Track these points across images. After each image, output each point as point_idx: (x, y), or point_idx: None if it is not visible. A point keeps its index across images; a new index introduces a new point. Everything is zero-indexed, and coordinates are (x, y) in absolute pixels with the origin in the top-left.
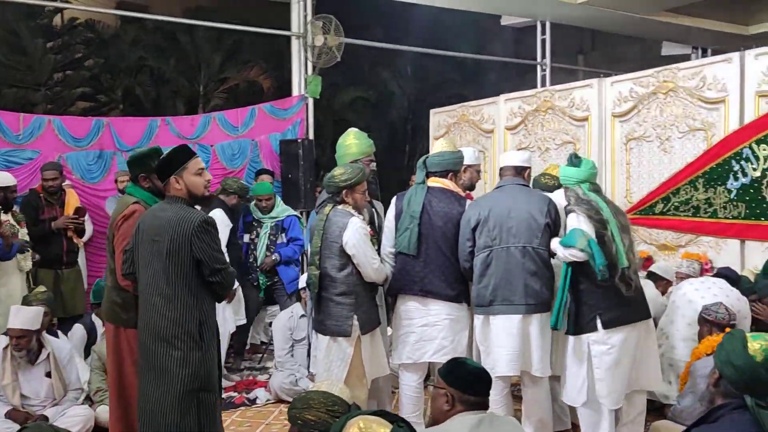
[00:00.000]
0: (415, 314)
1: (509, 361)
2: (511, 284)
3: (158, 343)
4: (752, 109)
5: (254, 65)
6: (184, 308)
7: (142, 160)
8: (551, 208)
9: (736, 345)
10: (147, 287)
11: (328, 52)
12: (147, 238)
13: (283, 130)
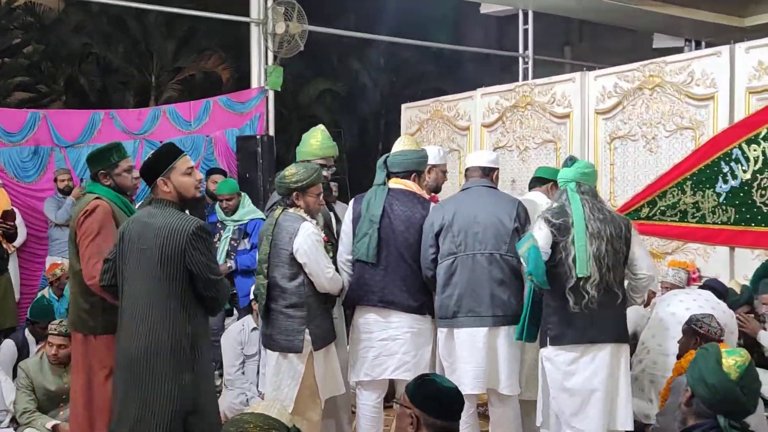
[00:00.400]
0: (375, 327)
1: (474, 378)
2: (477, 294)
3: (146, 359)
4: (742, 106)
5: (212, 54)
6: (174, 323)
7: (102, 155)
8: (521, 211)
9: (710, 362)
10: (134, 300)
11: (291, 40)
12: (133, 247)
13: (240, 125)
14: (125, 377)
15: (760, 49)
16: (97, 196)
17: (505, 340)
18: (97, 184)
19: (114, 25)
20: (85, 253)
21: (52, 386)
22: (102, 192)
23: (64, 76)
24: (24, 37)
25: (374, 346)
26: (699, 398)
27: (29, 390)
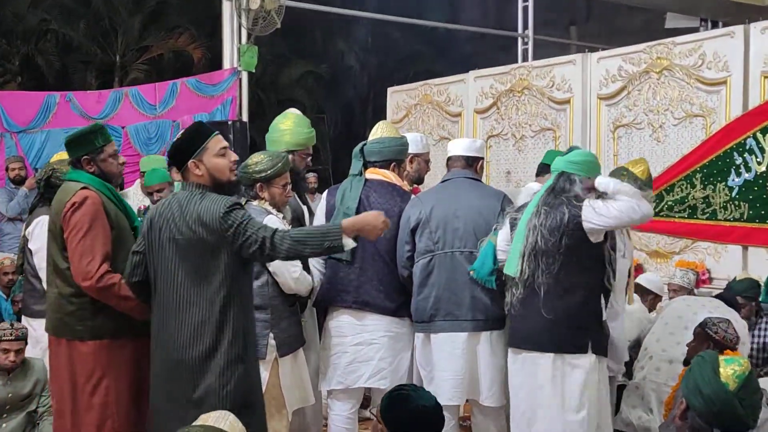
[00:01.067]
0: (348, 331)
1: (452, 388)
2: (456, 296)
3: (191, 356)
4: (757, 91)
5: (182, 32)
6: (223, 314)
7: (85, 138)
8: (506, 206)
9: (707, 371)
10: (172, 293)
11: (266, 16)
12: (168, 234)
13: (211, 109)
14: (169, 378)
15: None
16: (84, 186)
17: (487, 347)
18: (80, 171)
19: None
20: (75, 250)
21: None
22: (87, 180)
23: (20, 55)
24: None
25: (348, 351)
26: (694, 411)
27: None
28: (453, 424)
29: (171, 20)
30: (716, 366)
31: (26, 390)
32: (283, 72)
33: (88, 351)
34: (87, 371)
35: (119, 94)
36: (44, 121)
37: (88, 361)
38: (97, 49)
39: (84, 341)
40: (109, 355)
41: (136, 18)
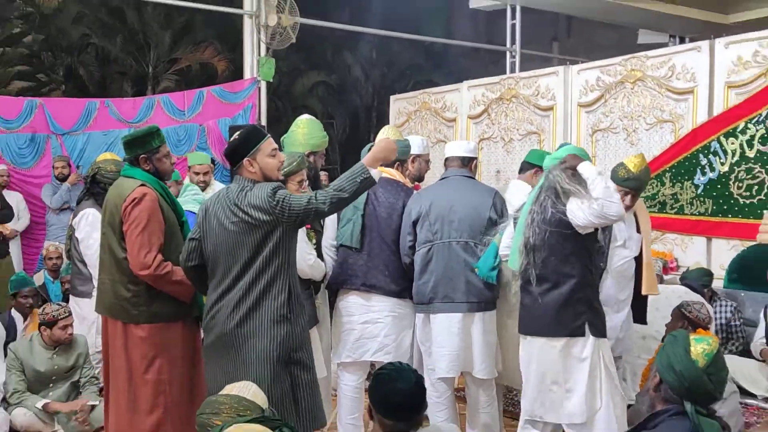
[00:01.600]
0: (356, 310)
1: (449, 362)
2: (452, 281)
3: (249, 338)
4: (721, 100)
5: (208, 46)
6: (270, 282)
7: (144, 139)
8: (497, 201)
9: (678, 349)
10: (229, 273)
11: (283, 32)
12: (221, 225)
13: (233, 115)
14: (225, 353)
15: (739, 45)
16: (142, 183)
17: (480, 326)
18: (135, 169)
19: (113, 16)
20: (135, 242)
21: (42, 367)
22: (143, 177)
23: (64, 66)
24: (24, 27)
25: (355, 329)
26: (667, 384)
27: (19, 371)
28: (449, 394)
29: (198, 35)
30: (687, 345)
31: (70, 362)
32: (297, 82)
33: (143, 334)
34: (142, 352)
35: (152, 101)
36: (86, 124)
37: (143, 343)
38: (132, 61)
39: (139, 324)
40: (162, 337)
41: (167, 33)
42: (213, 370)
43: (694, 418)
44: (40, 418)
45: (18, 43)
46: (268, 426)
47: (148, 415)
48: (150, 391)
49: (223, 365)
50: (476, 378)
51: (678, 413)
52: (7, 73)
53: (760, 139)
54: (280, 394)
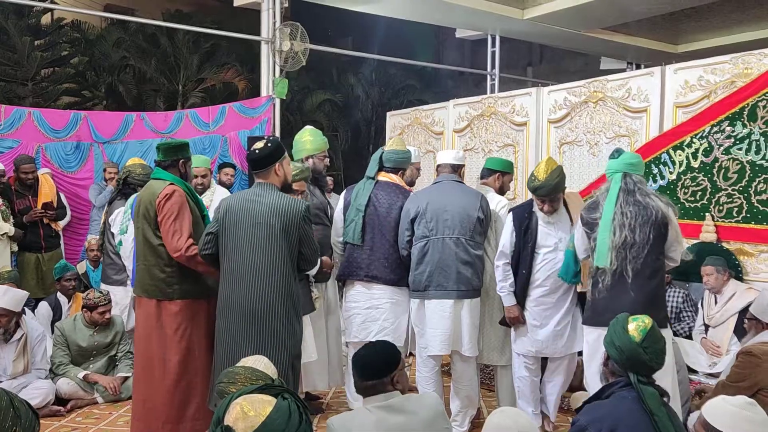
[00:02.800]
0: (361, 297)
1: (441, 342)
2: (445, 272)
3: (268, 313)
4: (670, 118)
5: (230, 67)
6: (288, 283)
7: (182, 147)
8: (483, 204)
9: (618, 327)
10: (247, 265)
11: (295, 56)
12: (244, 221)
13: (251, 127)
14: (241, 328)
15: (686, 71)
16: (170, 183)
17: (467, 311)
18: (164, 172)
19: (148, 42)
20: (168, 230)
21: (84, 343)
22: (171, 179)
23: (105, 84)
24: (71, 50)
25: (360, 314)
26: (612, 359)
27: (64, 346)
28: (437, 369)
29: (221, 59)
30: (625, 324)
31: (108, 339)
32: (307, 99)
33: (176, 309)
34: (176, 323)
35: (181, 115)
36: (124, 134)
37: (176, 315)
38: (165, 80)
39: (173, 300)
40: (192, 311)
41: (195, 57)
42: (229, 338)
43: (637, 387)
44: (81, 387)
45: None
46: (271, 393)
47: (180, 378)
48: (181, 356)
49: (243, 338)
50: (463, 356)
51: (626, 385)
52: (56, 89)
53: (703, 151)
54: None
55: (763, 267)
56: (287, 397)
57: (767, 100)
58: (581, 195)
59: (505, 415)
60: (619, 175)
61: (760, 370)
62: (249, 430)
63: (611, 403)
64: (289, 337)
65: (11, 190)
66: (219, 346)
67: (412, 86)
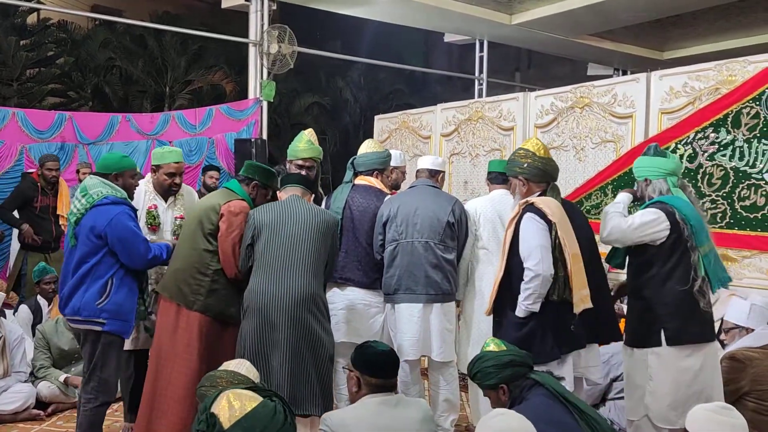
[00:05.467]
0: (336, 299)
1: (410, 346)
2: (414, 275)
3: (307, 320)
4: (656, 124)
5: (218, 70)
6: (322, 290)
7: (270, 174)
8: (456, 208)
9: (490, 356)
10: (286, 273)
11: (282, 59)
12: (284, 231)
13: (238, 129)
14: (281, 333)
15: (671, 77)
16: (242, 198)
17: (437, 316)
18: (238, 185)
19: (135, 43)
20: (234, 247)
21: (66, 346)
22: (245, 197)
23: (91, 84)
24: (57, 51)
25: (336, 314)
26: (507, 381)
27: (45, 349)
28: (416, 373)
29: (209, 61)
30: (486, 350)
31: None
32: (294, 102)
33: (192, 320)
34: (186, 338)
35: (168, 116)
36: (109, 135)
37: (191, 329)
38: (152, 82)
39: (191, 310)
40: (207, 330)
41: (183, 58)
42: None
43: (540, 379)
44: (62, 391)
45: (52, 64)
46: (260, 394)
47: (185, 396)
48: (189, 378)
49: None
50: (435, 361)
51: (530, 387)
52: (41, 90)
53: (688, 157)
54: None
55: (746, 272)
56: (275, 399)
57: (751, 107)
58: (569, 199)
59: (510, 418)
60: (675, 178)
61: (744, 375)
62: (232, 419)
63: (525, 407)
64: (327, 337)
65: (37, 187)
66: (252, 351)
67: (400, 90)
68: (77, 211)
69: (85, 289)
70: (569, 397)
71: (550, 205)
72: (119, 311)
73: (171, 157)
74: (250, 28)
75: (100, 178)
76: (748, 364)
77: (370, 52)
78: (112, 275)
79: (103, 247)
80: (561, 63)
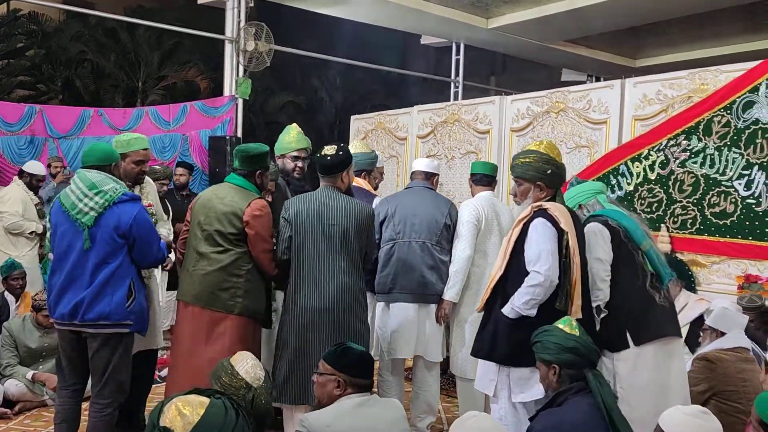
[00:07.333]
0: None
1: (404, 345)
2: (410, 275)
3: (345, 314)
4: (629, 130)
5: (192, 66)
6: (361, 283)
7: (264, 157)
8: (452, 211)
9: (557, 334)
10: (324, 266)
11: (259, 56)
12: (321, 223)
13: (213, 127)
14: (319, 328)
15: (645, 84)
16: (259, 197)
17: (431, 316)
18: (241, 179)
19: (108, 36)
20: (267, 251)
21: (33, 344)
22: (254, 191)
23: (62, 78)
24: (27, 42)
25: None
26: (565, 367)
27: (12, 347)
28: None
29: (184, 56)
30: (558, 328)
31: None
32: (269, 100)
33: (230, 324)
34: (229, 336)
35: (141, 112)
36: (80, 130)
37: (230, 331)
38: (124, 76)
39: (230, 314)
40: (245, 329)
41: (156, 53)
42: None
43: (596, 386)
44: (30, 389)
45: (21, 56)
46: (204, 395)
47: None
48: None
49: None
50: (427, 361)
51: (579, 391)
52: (10, 82)
53: (660, 164)
54: None
55: (715, 278)
56: (219, 396)
57: (722, 116)
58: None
59: (483, 419)
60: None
61: (714, 375)
62: (188, 427)
63: (566, 410)
64: (366, 332)
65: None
66: (293, 348)
67: (375, 91)
68: (91, 209)
69: (112, 292)
70: (614, 417)
71: (563, 213)
72: (142, 311)
73: (138, 143)
74: (227, 24)
75: (103, 173)
76: (719, 365)
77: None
78: (133, 276)
79: (124, 247)
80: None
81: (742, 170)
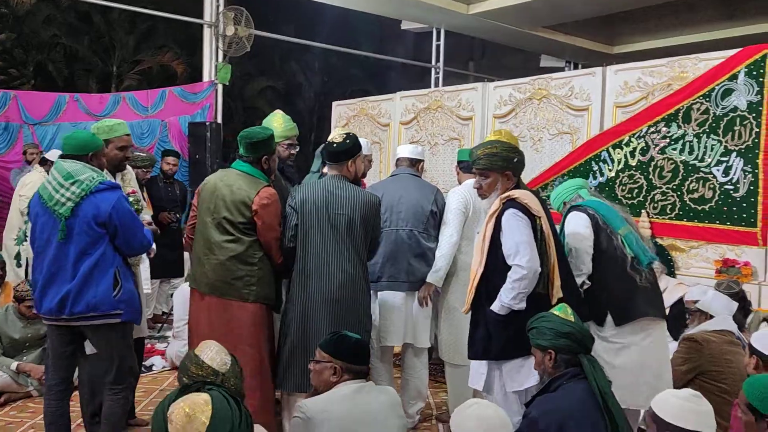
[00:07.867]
0: None
1: (393, 333)
2: (397, 263)
3: (350, 303)
4: (610, 117)
5: (168, 50)
6: (365, 272)
7: (269, 142)
8: (438, 197)
9: (552, 320)
10: (330, 255)
11: (239, 41)
12: (327, 212)
13: (192, 113)
14: (324, 317)
15: (626, 72)
16: (267, 184)
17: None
18: (248, 165)
19: (81, 20)
20: (276, 240)
21: (16, 335)
22: (263, 178)
23: (34, 62)
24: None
25: None
26: (560, 352)
27: None
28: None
29: (159, 40)
30: (553, 314)
31: (42, 332)
32: (248, 86)
33: (246, 312)
34: (247, 324)
35: (118, 98)
36: (56, 116)
37: (247, 318)
38: (98, 60)
39: (246, 302)
40: (261, 315)
41: (131, 37)
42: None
43: (590, 371)
44: (15, 380)
45: None
46: (193, 390)
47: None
48: (254, 363)
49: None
50: (416, 348)
51: (574, 376)
52: None
53: (641, 150)
54: None
55: (693, 262)
56: (210, 387)
57: (701, 103)
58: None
59: (484, 406)
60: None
61: (700, 356)
62: (202, 428)
63: (560, 396)
64: (368, 322)
65: None
66: (294, 338)
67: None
68: (68, 200)
69: (97, 283)
70: (609, 403)
71: (531, 199)
72: (131, 299)
73: (121, 129)
74: (205, 8)
75: (80, 162)
76: (705, 346)
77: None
78: (118, 264)
79: (104, 236)
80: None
81: (721, 157)
